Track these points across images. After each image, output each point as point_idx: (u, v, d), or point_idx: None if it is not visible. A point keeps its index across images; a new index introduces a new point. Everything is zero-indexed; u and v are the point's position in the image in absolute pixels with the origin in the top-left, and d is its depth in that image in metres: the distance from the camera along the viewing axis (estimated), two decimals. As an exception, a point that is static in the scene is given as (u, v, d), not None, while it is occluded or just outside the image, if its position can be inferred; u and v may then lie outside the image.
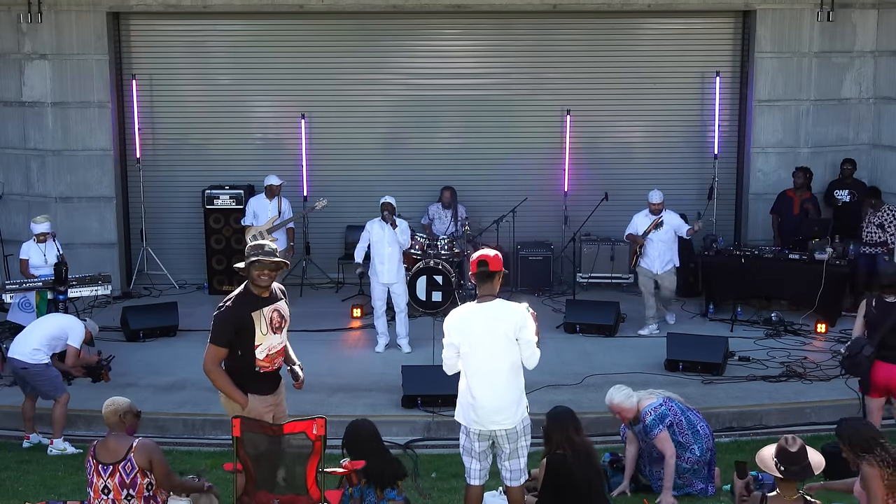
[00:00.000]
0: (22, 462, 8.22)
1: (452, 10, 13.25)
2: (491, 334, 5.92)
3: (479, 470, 6.09)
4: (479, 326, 5.94)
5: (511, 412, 5.96)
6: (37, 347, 8.45)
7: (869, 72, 13.27)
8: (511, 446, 6.01)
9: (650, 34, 13.69)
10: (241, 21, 13.60)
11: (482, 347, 5.93)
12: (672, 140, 13.72)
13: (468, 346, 5.94)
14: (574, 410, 6.48)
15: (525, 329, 5.93)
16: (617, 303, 11.80)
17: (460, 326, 5.98)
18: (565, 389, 9.51)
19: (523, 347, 5.95)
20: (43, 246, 10.46)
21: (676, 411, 7.25)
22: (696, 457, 7.20)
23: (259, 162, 13.50)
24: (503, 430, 5.95)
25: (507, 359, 5.94)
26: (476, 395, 5.94)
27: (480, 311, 5.97)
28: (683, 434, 7.20)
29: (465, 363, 5.99)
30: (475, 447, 6.04)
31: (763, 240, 13.00)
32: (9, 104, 13.21)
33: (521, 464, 6.08)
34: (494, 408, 5.93)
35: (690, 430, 7.23)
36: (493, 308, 5.98)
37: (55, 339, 8.53)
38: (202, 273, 13.40)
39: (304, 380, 6.63)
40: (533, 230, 13.46)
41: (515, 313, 5.96)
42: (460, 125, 13.81)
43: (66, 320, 8.85)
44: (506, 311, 5.97)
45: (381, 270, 10.71)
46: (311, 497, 5.79)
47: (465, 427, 6.05)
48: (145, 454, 5.85)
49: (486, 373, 5.93)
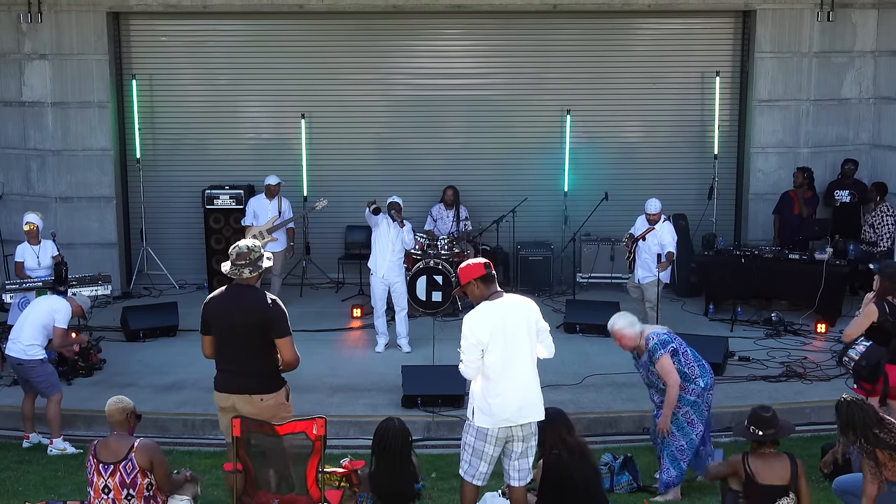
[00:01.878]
0: (22, 462, 8.22)
1: (452, 10, 13.25)
2: (516, 328, 5.95)
3: (486, 473, 6.07)
4: (505, 322, 5.93)
5: (539, 403, 6.05)
6: (30, 342, 8.44)
7: (869, 72, 13.28)
8: (524, 445, 6.02)
9: (650, 34, 13.69)
10: (241, 21, 13.61)
11: (511, 342, 5.92)
12: (672, 140, 13.72)
13: (497, 344, 5.89)
14: (573, 410, 6.49)
15: (541, 318, 6.07)
16: (617, 303, 11.75)
17: (489, 325, 5.91)
18: (565, 389, 9.50)
19: (542, 336, 6.06)
20: (37, 248, 10.43)
21: (682, 342, 7.19)
22: (701, 388, 7.11)
23: (259, 162, 13.50)
24: (520, 432, 5.96)
25: (531, 350, 6.02)
26: (506, 391, 5.90)
27: (501, 307, 5.98)
28: (689, 365, 7.10)
29: (490, 362, 5.91)
30: (489, 450, 5.98)
31: (763, 240, 13.01)
32: (9, 104, 13.21)
33: (529, 463, 6.11)
34: (527, 401, 5.96)
35: (696, 362, 7.15)
36: (510, 303, 6.03)
37: (46, 327, 8.51)
38: (202, 273, 13.40)
39: (305, 381, 6.61)
40: (533, 230, 13.47)
41: (531, 305, 6.09)
42: (460, 125, 13.81)
43: (51, 302, 8.76)
44: (522, 303, 6.08)
45: (382, 265, 10.72)
46: (311, 497, 5.79)
47: (485, 430, 5.95)
48: (147, 454, 5.85)
49: (516, 367, 5.94)
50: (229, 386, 6.20)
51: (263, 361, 6.15)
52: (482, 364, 5.92)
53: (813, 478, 7.62)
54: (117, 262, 13.39)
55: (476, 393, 6.00)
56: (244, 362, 6.13)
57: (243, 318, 6.10)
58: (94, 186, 13.28)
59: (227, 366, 6.21)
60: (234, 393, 6.17)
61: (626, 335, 7.14)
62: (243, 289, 6.24)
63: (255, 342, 6.11)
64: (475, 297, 6.03)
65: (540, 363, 6.08)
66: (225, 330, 6.15)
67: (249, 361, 6.13)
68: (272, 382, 6.20)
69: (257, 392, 6.14)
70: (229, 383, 6.20)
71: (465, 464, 6.10)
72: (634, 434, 8.82)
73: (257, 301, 6.18)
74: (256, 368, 6.15)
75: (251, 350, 6.12)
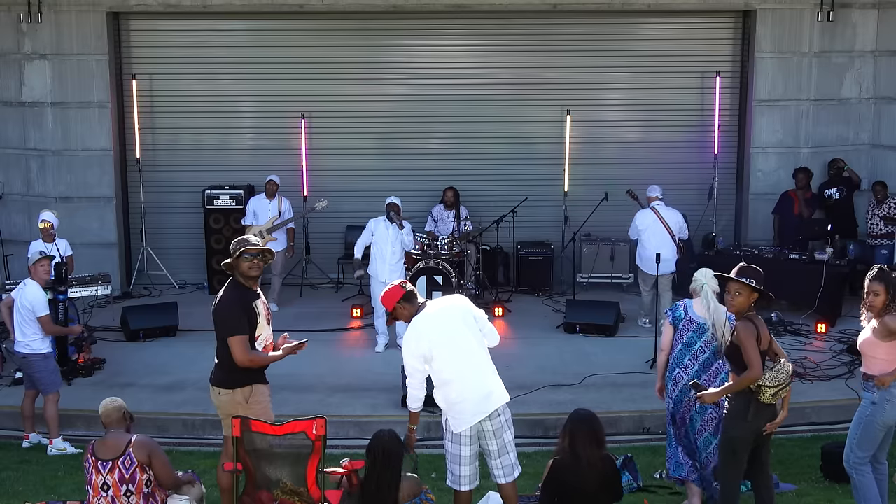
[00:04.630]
0: (22, 462, 8.23)
1: (452, 10, 13.25)
2: (454, 328, 6.09)
3: (469, 476, 6.15)
4: (442, 327, 6.08)
5: (500, 387, 6.14)
6: (33, 337, 8.49)
7: (869, 72, 13.27)
8: (498, 442, 6.09)
9: (650, 34, 13.69)
10: (241, 21, 13.61)
11: (454, 343, 6.06)
12: (672, 140, 13.72)
13: (442, 350, 6.03)
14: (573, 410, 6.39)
15: (474, 308, 6.22)
16: (617, 303, 11.79)
17: (427, 337, 6.07)
18: (565, 389, 9.50)
19: (481, 324, 6.19)
20: (50, 246, 10.42)
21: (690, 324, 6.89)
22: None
23: (259, 162, 13.50)
24: (490, 426, 6.03)
25: (478, 342, 6.14)
26: (466, 389, 6.02)
27: (431, 316, 6.16)
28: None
29: (440, 369, 6.06)
30: (465, 452, 6.09)
31: (763, 240, 13.01)
32: (9, 104, 13.21)
33: (511, 458, 6.17)
34: (489, 389, 6.07)
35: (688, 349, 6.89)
36: (439, 308, 6.22)
37: (33, 322, 8.53)
38: (202, 273, 13.39)
39: (305, 381, 6.64)
40: (533, 230, 13.46)
41: (459, 300, 6.31)
42: (460, 125, 13.80)
43: (24, 297, 8.63)
44: (451, 303, 6.29)
45: (383, 269, 10.70)
46: (312, 497, 5.79)
47: (458, 434, 6.08)
48: (144, 449, 5.88)
49: (468, 364, 6.06)
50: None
51: (222, 356, 6.33)
52: (435, 372, 6.08)
53: (813, 478, 7.64)
54: (117, 262, 13.39)
55: (440, 401, 6.16)
56: (217, 354, 6.38)
57: (214, 312, 6.38)
58: (94, 186, 13.28)
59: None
60: (210, 383, 6.44)
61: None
62: (233, 284, 6.41)
63: (218, 336, 6.34)
64: (406, 317, 6.23)
65: (540, 364, 6.10)
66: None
67: (219, 353, 6.36)
68: (229, 379, 6.32)
69: (216, 385, 6.38)
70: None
71: (448, 472, 6.24)
72: (634, 434, 8.82)
73: (218, 298, 6.41)
74: (219, 362, 6.37)
75: (219, 343, 6.34)
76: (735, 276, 6.10)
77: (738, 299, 6.09)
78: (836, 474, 7.31)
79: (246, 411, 6.17)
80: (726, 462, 6.23)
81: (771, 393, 6.07)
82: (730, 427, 6.18)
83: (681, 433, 6.95)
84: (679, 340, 6.87)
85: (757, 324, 6.07)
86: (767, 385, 6.04)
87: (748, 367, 5.96)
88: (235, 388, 6.28)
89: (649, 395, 9.28)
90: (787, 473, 7.64)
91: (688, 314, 6.91)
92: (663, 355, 6.98)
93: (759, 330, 6.05)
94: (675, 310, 6.98)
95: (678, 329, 6.89)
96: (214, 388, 6.38)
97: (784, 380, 6.12)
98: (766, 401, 6.06)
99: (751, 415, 6.06)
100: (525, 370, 9.83)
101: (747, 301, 6.10)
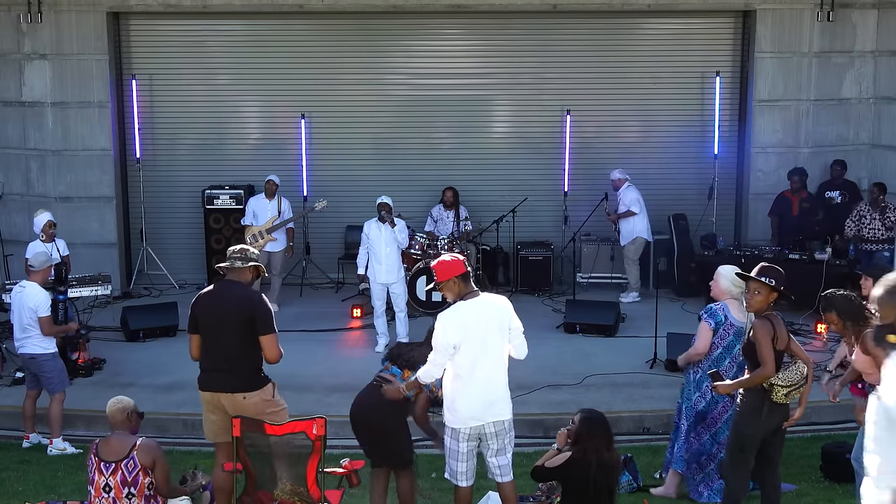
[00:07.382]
0: (22, 462, 8.22)
1: (452, 10, 13.25)
2: (489, 328, 5.97)
3: (466, 472, 6.12)
4: (479, 321, 5.95)
5: (507, 403, 6.08)
6: (40, 339, 8.46)
7: (869, 72, 13.27)
8: (500, 442, 6.06)
9: (650, 34, 13.69)
10: (241, 21, 13.61)
11: (482, 342, 5.94)
12: (672, 140, 13.71)
13: (469, 343, 5.91)
14: (573, 410, 6.40)
15: (514, 318, 6.09)
16: (617, 303, 11.80)
17: (463, 324, 5.92)
18: (565, 389, 9.49)
19: (514, 335, 6.08)
20: (50, 246, 10.40)
21: (730, 328, 6.92)
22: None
23: (259, 162, 13.50)
24: (492, 428, 5.99)
25: (502, 349, 6.05)
26: (474, 390, 5.95)
27: (475, 306, 6.00)
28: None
29: (460, 361, 5.94)
30: (462, 448, 6.05)
31: (763, 240, 12.99)
32: (9, 104, 13.21)
33: (508, 459, 6.15)
34: (494, 399, 6.00)
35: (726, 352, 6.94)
36: (485, 302, 6.05)
37: (37, 322, 8.52)
38: (202, 273, 13.39)
39: (304, 381, 6.63)
40: (533, 230, 13.46)
41: (505, 304, 6.12)
42: (460, 125, 13.80)
43: (28, 298, 8.57)
44: (496, 302, 6.10)
45: (380, 270, 10.69)
46: (312, 497, 5.79)
47: (456, 430, 6.03)
48: (149, 454, 5.86)
49: (485, 367, 5.96)
50: (214, 384, 6.20)
51: (248, 358, 6.15)
52: (453, 363, 5.96)
53: (813, 478, 7.63)
54: (117, 262, 13.38)
55: (446, 393, 6.07)
56: (230, 359, 6.13)
57: (230, 314, 6.11)
58: (94, 186, 13.28)
59: (213, 363, 6.20)
60: (220, 391, 6.17)
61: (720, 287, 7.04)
62: (232, 284, 6.28)
63: (240, 338, 6.11)
64: (452, 295, 6.02)
65: (540, 364, 6.09)
66: (212, 326, 6.16)
67: (235, 358, 6.13)
68: (255, 380, 6.20)
69: (241, 391, 6.12)
70: (214, 381, 6.20)
71: (447, 466, 6.21)
72: (634, 434, 8.81)
73: (245, 296, 6.20)
74: (240, 366, 6.14)
75: (236, 346, 6.12)
76: (756, 275, 6.18)
77: (756, 298, 6.19)
78: (836, 474, 7.32)
79: (275, 405, 6.17)
80: (733, 458, 6.27)
81: (784, 392, 6.12)
82: (740, 423, 6.24)
83: (701, 434, 7.01)
84: (719, 344, 6.93)
85: (774, 323, 6.14)
86: (780, 384, 6.10)
87: (761, 364, 6.01)
88: (263, 387, 6.21)
89: (649, 395, 9.34)
90: (787, 473, 7.61)
91: (727, 319, 6.95)
92: (696, 354, 6.98)
93: (777, 329, 6.13)
94: (716, 315, 6.97)
95: (718, 333, 6.93)
96: (235, 394, 6.11)
97: (797, 380, 6.17)
98: (778, 400, 6.11)
99: (764, 414, 6.10)
100: (525, 370, 9.74)
101: (766, 300, 6.20)
